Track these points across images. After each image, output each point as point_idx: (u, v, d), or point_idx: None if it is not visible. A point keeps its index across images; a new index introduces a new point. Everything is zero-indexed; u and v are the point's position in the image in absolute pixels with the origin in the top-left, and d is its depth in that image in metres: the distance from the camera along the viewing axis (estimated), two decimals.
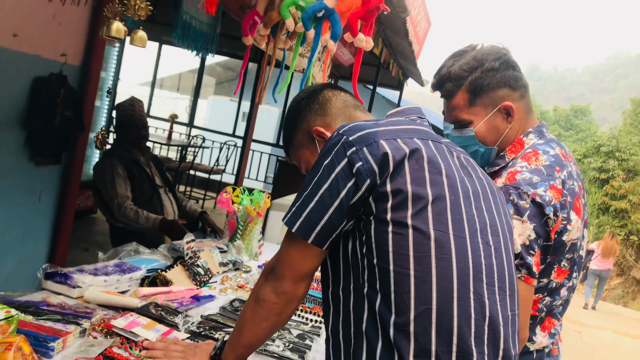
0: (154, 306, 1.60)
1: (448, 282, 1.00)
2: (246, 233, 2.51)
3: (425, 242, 1.01)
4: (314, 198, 1.05)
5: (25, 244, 3.02)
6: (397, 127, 1.11)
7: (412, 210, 1.01)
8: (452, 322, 0.99)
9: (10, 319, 1.22)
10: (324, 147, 1.10)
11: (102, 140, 2.99)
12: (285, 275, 1.09)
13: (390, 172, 1.02)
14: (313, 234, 1.05)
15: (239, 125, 9.72)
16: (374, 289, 1.02)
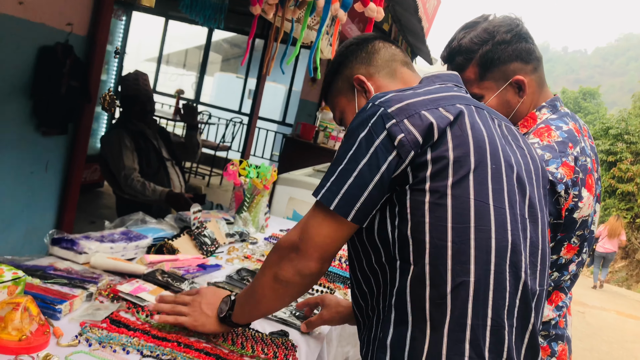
0: (161, 273, 1.60)
1: (486, 254, 0.97)
2: (253, 205, 2.51)
3: (465, 212, 0.97)
4: (352, 173, 0.99)
5: (32, 214, 3.03)
6: (437, 96, 1.05)
7: (453, 178, 0.97)
8: (488, 296, 0.97)
9: (17, 280, 1.22)
10: (358, 119, 1.04)
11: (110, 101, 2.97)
12: (314, 257, 1.03)
13: (434, 140, 0.98)
14: (353, 211, 0.99)
15: (245, 102, 9.69)
16: (406, 262, 0.99)
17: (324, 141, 5.54)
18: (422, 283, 0.96)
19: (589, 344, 6.15)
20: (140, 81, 3.25)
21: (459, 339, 0.95)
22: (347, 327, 1.85)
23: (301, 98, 8.18)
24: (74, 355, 1.15)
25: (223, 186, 8.08)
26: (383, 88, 1.21)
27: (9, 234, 2.91)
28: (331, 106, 1.33)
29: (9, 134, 2.77)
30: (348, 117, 1.27)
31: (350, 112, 1.27)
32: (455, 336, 0.95)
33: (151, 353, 1.20)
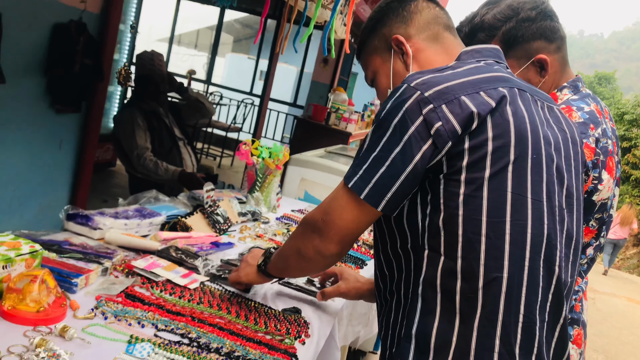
0: (174, 249, 1.61)
1: (521, 249, 0.94)
2: (265, 185, 2.51)
3: (501, 206, 0.93)
4: (384, 162, 0.94)
5: (46, 191, 3.06)
6: (478, 77, 0.98)
7: (491, 170, 0.92)
8: (522, 292, 0.94)
9: (34, 253, 1.24)
10: (391, 101, 0.97)
11: (125, 76, 2.98)
12: (334, 240, 1.01)
13: (473, 129, 0.92)
14: (383, 202, 0.95)
15: (257, 83, 9.66)
16: (436, 252, 0.95)
17: (336, 123, 5.52)
18: (454, 276, 0.93)
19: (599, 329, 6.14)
20: (155, 61, 3.24)
21: (489, 334, 0.93)
22: (359, 307, 1.86)
23: (313, 80, 8.14)
24: (90, 327, 1.16)
25: (234, 167, 8.10)
26: (422, 52, 1.14)
27: (23, 211, 2.95)
28: (364, 65, 1.26)
29: (23, 111, 2.79)
30: (381, 79, 1.20)
31: (383, 74, 1.19)
32: (486, 331, 0.93)
33: (166, 327, 1.22)
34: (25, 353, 1.02)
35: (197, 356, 1.12)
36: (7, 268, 1.18)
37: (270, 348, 1.22)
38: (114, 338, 1.14)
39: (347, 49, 2.62)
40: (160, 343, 1.14)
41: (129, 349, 1.10)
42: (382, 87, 1.20)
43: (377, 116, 1.00)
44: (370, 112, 6.40)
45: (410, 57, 1.14)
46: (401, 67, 1.16)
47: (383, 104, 1.00)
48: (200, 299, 1.38)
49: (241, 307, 1.39)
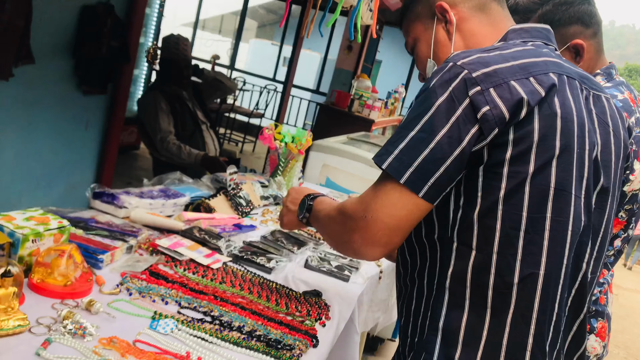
0: (198, 230, 1.62)
1: (560, 247, 0.90)
2: (287, 170, 2.51)
3: (543, 201, 0.88)
4: (428, 144, 0.86)
5: (72, 170, 3.11)
6: (528, 61, 0.92)
7: (535, 165, 0.87)
8: (557, 290, 0.91)
9: (62, 228, 1.26)
10: (436, 79, 0.90)
11: (154, 54, 3.01)
12: (380, 240, 0.90)
13: (520, 118, 0.86)
14: (425, 187, 0.87)
15: (280, 69, 9.65)
16: (466, 246, 0.90)
17: (359, 110, 5.49)
18: (487, 271, 0.89)
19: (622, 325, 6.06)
20: (180, 45, 3.25)
21: (523, 331, 0.90)
22: (379, 293, 1.86)
23: (336, 67, 8.09)
24: (116, 302, 1.19)
25: (256, 153, 8.14)
26: (466, 21, 1.08)
27: (50, 189, 3.00)
28: (405, 31, 1.19)
29: (51, 92, 2.83)
30: (421, 47, 1.15)
31: (424, 42, 1.14)
32: (519, 328, 0.90)
33: (188, 305, 1.23)
34: (53, 324, 1.05)
35: (219, 334, 1.13)
36: (36, 242, 1.21)
37: (291, 329, 1.23)
38: (138, 314, 1.16)
39: (374, 34, 2.59)
40: (184, 320, 1.16)
41: (153, 324, 1.12)
42: (422, 55, 1.15)
43: (420, 93, 0.93)
44: (393, 99, 6.34)
45: (454, 26, 1.09)
46: (443, 36, 1.11)
47: (426, 81, 0.94)
48: (223, 278, 1.40)
49: (263, 288, 1.40)
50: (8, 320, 0.99)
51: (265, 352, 1.11)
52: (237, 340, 1.12)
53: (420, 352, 0.95)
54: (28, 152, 2.81)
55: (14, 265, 1.07)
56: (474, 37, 1.07)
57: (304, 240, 1.81)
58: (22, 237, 1.17)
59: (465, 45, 1.08)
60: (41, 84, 2.76)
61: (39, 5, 2.54)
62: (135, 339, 1.06)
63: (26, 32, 2.51)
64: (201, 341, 1.10)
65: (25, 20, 2.48)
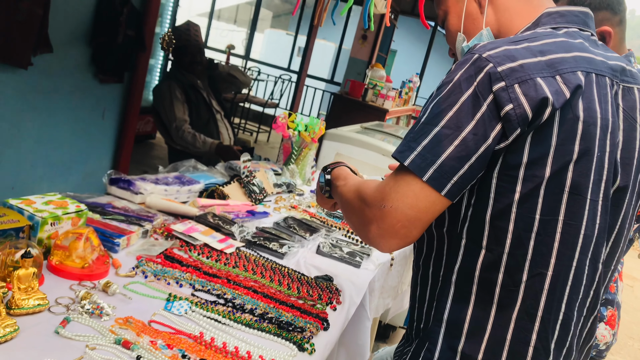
0: (212, 216, 1.65)
1: (571, 250, 0.89)
2: (300, 158, 2.53)
3: (556, 205, 0.86)
4: (453, 141, 0.84)
5: (89, 158, 3.17)
6: (556, 57, 0.88)
7: (552, 169, 0.85)
8: (565, 291, 0.90)
9: (80, 212, 1.30)
10: (461, 72, 0.87)
11: (169, 41, 3.04)
12: (398, 232, 0.87)
13: (543, 121, 0.83)
14: (448, 186, 0.85)
15: (294, 59, 9.64)
16: (475, 244, 0.90)
17: (373, 99, 5.48)
18: (496, 270, 0.89)
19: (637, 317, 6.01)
20: (191, 31, 3.27)
21: (527, 327, 0.90)
22: (389, 281, 1.87)
23: (351, 56, 8.07)
24: (132, 284, 1.22)
25: (270, 143, 8.17)
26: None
27: (68, 176, 3.06)
28: (437, 3, 1.15)
29: (69, 80, 2.87)
30: (452, 20, 1.10)
31: (455, 14, 1.09)
32: (523, 324, 0.90)
33: (202, 287, 1.26)
34: (72, 304, 1.08)
35: (232, 315, 1.16)
36: (54, 225, 1.24)
37: (303, 312, 1.25)
38: (153, 295, 1.19)
39: (388, 22, 2.59)
40: (197, 302, 1.18)
41: (168, 306, 1.15)
42: (452, 28, 1.11)
43: (442, 85, 0.89)
44: (408, 89, 6.32)
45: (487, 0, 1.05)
46: (475, 9, 1.06)
47: (451, 71, 0.90)
48: (236, 263, 1.42)
49: (275, 273, 1.42)
50: (28, 300, 1.03)
51: (277, 333, 1.13)
52: (249, 322, 1.15)
53: (424, 340, 0.97)
54: (47, 140, 2.86)
55: (33, 247, 1.10)
56: (507, 11, 1.03)
57: (316, 227, 1.83)
58: (41, 220, 1.21)
59: (496, 19, 1.04)
60: (59, 73, 2.80)
61: None
62: (150, 319, 1.09)
63: (44, 21, 2.55)
64: (214, 322, 1.13)
65: (43, 9, 2.52)
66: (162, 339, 1.03)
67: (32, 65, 2.58)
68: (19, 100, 2.65)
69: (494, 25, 1.04)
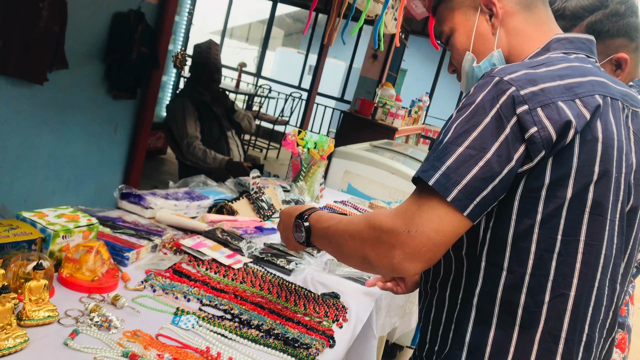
0: (220, 231, 1.67)
1: (592, 270, 0.90)
2: (309, 175, 2.55)
3: (577, 225, 0.87)
4: (478, 162, 0.84)
5: (101, 172, 3.21)
6: (574, 81, 0.89)
7: (573, 190, 0.86)
8: (588, 311, 0.91)
9: (91, 226, 1.32)
10: (483, 93, 0.87)
11: (182, 59, 3.10)
12: (424, 256, 0.86)
13: (566, 143, 0.84)
14: (471, 206, 0.84)
15: (305, 77, 9.73)
16: (497, 266, 0.90)
17: (382, 118, 5.50)
18: (518, 291, 0.89)
19: None
20: (212, 50, 3.34)
21: (551, 350, 0.90)
22: (397, 299, 1.87)
23: (361, 75, 8.13)
24: (140, 298, 1.23)
25: (280, 159, 8.21)
26: (512, 17, 1.04)
27: (80, 190, 3.10)
28: (440, 19, 1.14)
29: (83, 96, 2.93)
30: (460, 38, 1.10)
31: (463, 33, 1.09)
32: (547, 346, 0.90)
33: (210, 302, 1.27)
34: (81, 317, 1.09)
35: (239, 331, 1.16)
36: (66, 238, 1.26)
37: (309, 329, 1.25)
38: (161, 309, 1.20)
39: (398, 43, 2.62)
40: (204, 317, 1.19)
41: (175, 320, 1.16)
42: (461, 46, 1.10)
43: (463, 107, 0.90)
44: (417, 108, 6.34)
45: (499, 21, 1.05)
46: (486, 29, 1.06)
47: (470, 94, 0.90)
48: (243, 278, 1.43)
49: (282, 289, 1.43)
50: (39, 311, 1.04)
51: (283, 350, 1.14)
52: (256, 338, 1.15)
53: None
54: (60, 154, 2.91)
55: (45, 259, 1.12)
56: (518, 35, 1.04)
57: None
58: (53, 233, 1.23)
59: (507, 42, 1.05)
60: (73, 89, 2.85)
61: (74, 12, 2.64)
62: (158, 333, 1.10)
63: (61, 38, 2.61)
64: (221, 337, 1.14)
65: (60, 26, 2.58)
66: (169, 352, 1.04)
67: (48, 81, 2.63)
68: (34, 114, 2.70)
69: (504, 47, 1.05)
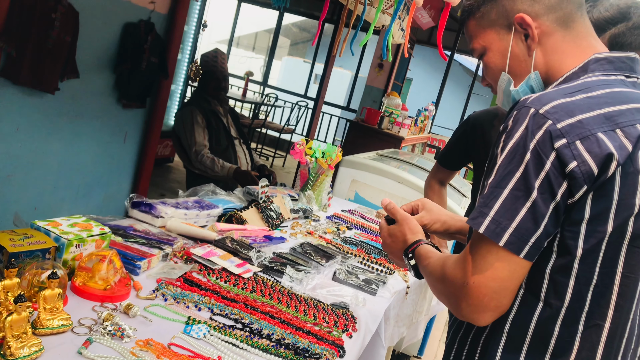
0: (230, 240, 1.68)
1: (629, 302, 0.89)
2: (317, 184, 2.56)
3: (615, 256, 0.86)
4: (524, 203, 0.83)
5: (110, 181, 3.23)
6: (614, 109, 0.86)
7: (613, 225, 0.84)
8: (622, 343, 0.90)
9: (104, 235, 1.33)
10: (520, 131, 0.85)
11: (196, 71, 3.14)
12: (490, 306, 0.87)
13: (607, 177, 0.82)
14: (527, 247, 0.84)
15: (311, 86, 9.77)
16: (533, 295, 0.89)
17: (389, 127, 5.52)
18: (553, 322, 0.88)
19: None
20: (219, 59, 3.37)
21: None
22: (405, 309, 1.87)
23: (367, 84, 8.16)
24: (152, 307, 1.24)
25: (286, 168, 8.23)
26: (549, 37, 0.99)
27: (89, 199, 3.12)
28: (472, 35, 1.09)
29: (93, 105, 2.96)
30: (494, 58, 1.05)
31: (498, 53, 1.04)
32: None
33: (220, 312, 1.28)
34: (94, 325, 1.10)
35: (250, 340, 1.17)
36: (79, 247, 1.27)
37: (319, 338, 1.26)
38: (173, 318, 1.21)
39: (406, 54, 2.63)
40: (216, 326, 1.20)
41: (187, 329, 1.17)
42: (495, 67, 1.06)
43: (503, 147, 0.88)
44: (423, 117, 6.35)
45: (536, 42, 0.99)
46: (522, 50, 1.01)
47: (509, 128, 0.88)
48: (253, 287, 1.44)
49: (292, 298, 1.43)
50: (53, 320, 1.05)
51: (293, 359, 1.14)
52: (266, 347, 1.16)
53: None
54: (70, 162, 2.94)
55: (59, 268, 1.14)
56: (556, 53, 0.99)
57: (332, 253, 1.85)
58: (67, 242, 1.24)
59: (545, 62, 1.00)
60: (84, 98, 2.88)
61: (86, 22, 2.67)
62: (169, 342, 1.11)
63: (72, 48, 2.64)
64: (232, 347, 1.15)
65: (72, 36, 2.61)
66: None
67: (59, 90, 2.66)
68: (45, 123, 2.73)
69: (542, 67, 1.00)
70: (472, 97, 8.79)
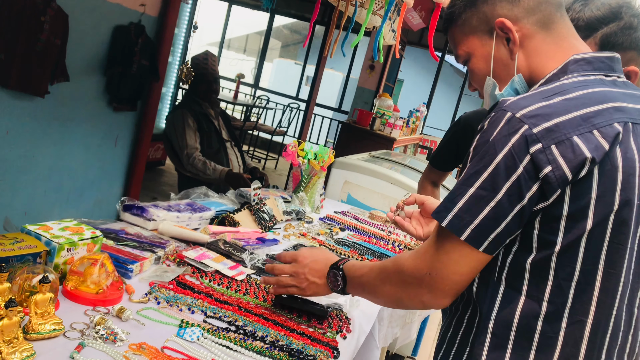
0: (223, 243, 1.67)
1: (611, 298, 0.90)
2: (309, 186, 2.56)
3: (597, 254, 0.87)
4: (488, 202, 0.86)
5: (101, 185, 3.21)
6: (591, 110, 0.87)
7: (594, 221, 0.85)
8: (605, 339, 0.91)
9: (95, 238, 1.32)
10: (495, 132, 0.87)
11: (187, 73, 3.12)
12: (450, 294, 0.93)
13: (582, 176, 0.84)
14: (486, 243, 0.88)
15: (303, 88, 9.78)
16: (515, 290, 0.91)
17: (380, 128, 5.53)
18: (535, 318, 0.90)
19: None
20: (209, 61, 3.37)
21: None
22: (398, 310, 1.87)
23: (358, 85, 8.17)
24: (144, 310, 1.23)
25: (278, 170, 8.22)
26: (530, 39, 1.00)
27: (80, 203, 3.10)
28: (455, 41, 1.10)
29: (83, 108, 2.94)
30: (478, 64, 1.07)
31: (481, 58, 1.05)
32: None
33: (214, 314, 1.27)
34: (86, 330, 1.09)
35: (244, 343, 1.17)
36: (70, 251, 1.26)
37: (313, 340, 1.26)
38: (166, 322, 1.21)
39: (397, 54, 2.64)
40: (209, 328, 1.20)
41: (180, 332, 1.16)
42: (480, 72, 1.07)
43: (476, 147, 0.90)
44: (415, 118, 6.37)
45: (517, 46, 1.01)
46: (505, 54, 1.02)
47: (484, 129, 0.90)
48: (247, 290, 1.44)
49: None
50: (45, 324, 1.04)
51: None
52: (261, 350, 1.16)
53: None
54: (61, 166, 2.92)
55: (50, 272, 1.13)
56: (538, 55, 1.01)
57: None
58: (58, 246, 1.23)
59: (527, 64, 1.01)
60: (74, 101, 2.87)
61: (75, 25, 2.66)
62: (163, 345, 1.11)
63: (62, 51, 2.62)
64: (226, 349, 1.14)
65: (62, 39, 2.59)
66: None
67: (49, 94, 2.65)
68: (35, 127, 2.71)
69: (525, 70, 1.02)
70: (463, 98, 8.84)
